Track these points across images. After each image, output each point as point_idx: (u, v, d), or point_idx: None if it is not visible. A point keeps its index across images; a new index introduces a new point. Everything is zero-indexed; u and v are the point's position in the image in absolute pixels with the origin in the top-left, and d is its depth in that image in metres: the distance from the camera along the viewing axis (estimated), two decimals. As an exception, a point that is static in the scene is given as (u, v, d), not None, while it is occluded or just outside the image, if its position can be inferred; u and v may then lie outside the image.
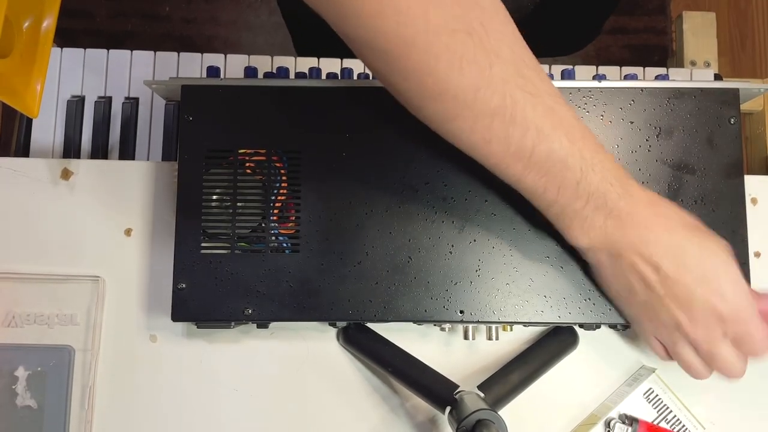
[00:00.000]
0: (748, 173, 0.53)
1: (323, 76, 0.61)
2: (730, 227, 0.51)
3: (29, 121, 0.63)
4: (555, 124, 0.41)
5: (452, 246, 0.51)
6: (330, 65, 0.64)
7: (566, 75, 0.59)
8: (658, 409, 0.54)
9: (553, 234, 0.50)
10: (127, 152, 0.63)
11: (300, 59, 0.65)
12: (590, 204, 0.43)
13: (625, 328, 0.53)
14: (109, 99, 0.64)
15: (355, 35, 0.39)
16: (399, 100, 0.43)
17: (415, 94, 0.41)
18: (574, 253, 0.50)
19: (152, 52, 0.65)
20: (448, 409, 0.48)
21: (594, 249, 0.46)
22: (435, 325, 0.54)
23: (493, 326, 0.53)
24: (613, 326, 0.54)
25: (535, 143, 0.41)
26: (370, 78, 0.63)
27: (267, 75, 0.61)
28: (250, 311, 0.50)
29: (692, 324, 0.45)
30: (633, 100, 0.52)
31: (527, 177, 0.43)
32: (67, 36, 1.35)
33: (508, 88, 0.40)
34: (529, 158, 0.42)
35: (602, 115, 0.52)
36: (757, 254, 0.57)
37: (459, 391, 0.50)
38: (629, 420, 0.53)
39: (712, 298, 0.44)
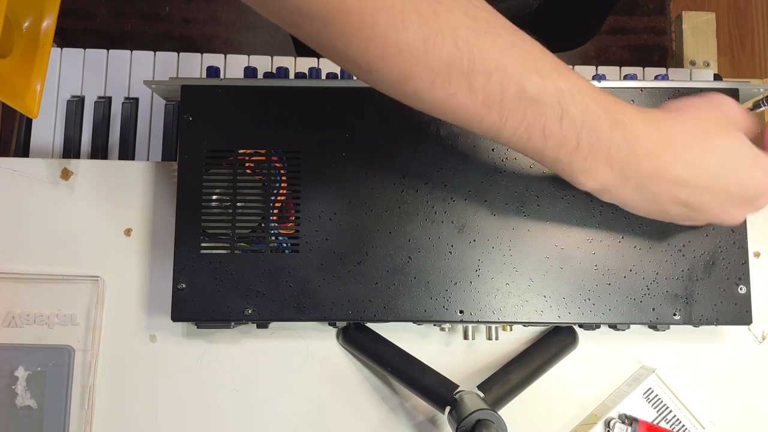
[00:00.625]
0: (747, 173, 0.53)
1: (323, 76, 0.61)
2: (730, 227, 0.51)
3: (29, 121, 0.63)
4: (520, 62, 0.38)
5: (452, 246, 0.51)
6: (330, 65, 0.64)
7: (566, 75, 0.59)
8: (657, 409, 0.54)
9: (552, 234, 0.51)
10: (126, 152, 0.63)
11: (300, 59, 0.65)
12: (583, 141, 0.40)
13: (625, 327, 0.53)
14: (109, 99, 0.64)
15: (288, 8, 0.37)
16: (351, 72, 0.41)
17: (362, 59, 0.38)
18: (573, 253, 0.50)
19: (152, 52, 0.65)
20: (447, 409, 0.49)
21: (609, 190, 0.43)
22: (435, 325, 0.54)
23: (493, 326, 0.53)
24: (612, 326, 0.54)
25: (503, 86, 0.38)
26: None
27: (267, 75, 0.61)
28: (250, 311, 0.50)
29: (734, 214, 0.44)
30: (633, 101, 0.52)
31: (506, 126, 0.40)
32: (67, 36, 1.35)
33: (459, 33, 0.37)
34: (501, 103, 0.38)
35: (602, 115, 0.52)
36: (757, 254, 0.57)
37: (459, 391, 0.50)
38: (629, 420, 0.53)
39: (747, 188, 0.43)
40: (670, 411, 0.54)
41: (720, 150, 0.43)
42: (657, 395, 0.54)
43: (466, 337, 0.54)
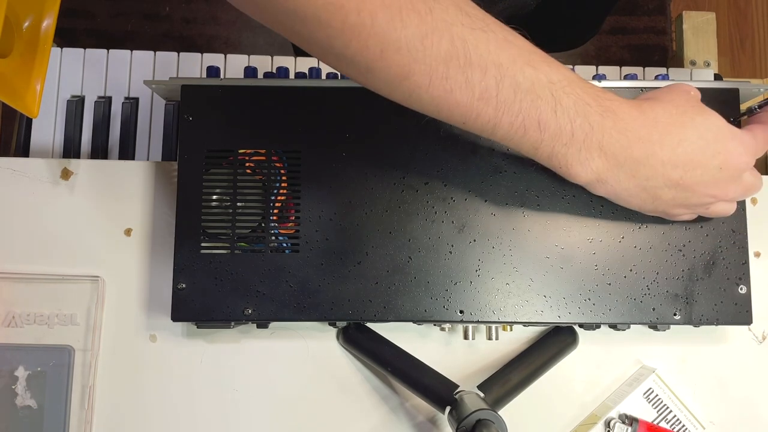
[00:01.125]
0: (748, 173, 0.53)
1: (323, 76, 0.61)
2: (730, 227, 0.51)
3: (29, 121, 0.63)
4: (513, 56, 0.39)
5: (452, 246, 0.51)
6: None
7: (566, 75, 0.59)
8: (658, 409, 0.54)
9: (552, 234, 0.51)
10: (126, 152, 0.63)
11: (300, 59, 0.65)
12: (577, 132, 0.41)
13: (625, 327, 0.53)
14: (109, 99, 0.64)
15: (284, 11, 0.37)
16: (347, 73, 0.41)
17: (361, 58, 0.39)
18: (574, 254, 0.50)
19: (152, 52, 0.65)
20: (448, 409, 0.49)
21: (602, 180, 0.44)
22: (435, 325, 0.54)
23: (493, 326, 0.53)
24: (613, 326, 0.54)
25: (498, 80, 0.39)
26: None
27: (267, 75, 0.61)
28: (250, 311, 0.50)
29: (725, 190, 0.46)
30: (633, 100, 0.52)
31: (503, 121, 0.41)
32: (67, 36, 1.35)
33: (455, 29, 0.38)
34: (497, 98, 0.40)
35: (602, 115, 0.52)
36: (757, 254, 0.57)
37: (459, 391, 0.50)
38: (629, 420, 0.53)
39: (730, 162, 0.45)
40: (670, 411, 0.54)
41: (700, 127, 0.44)
42: (657, 395, 0.54)
43: (466, 337, 0.54)
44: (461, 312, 0.50)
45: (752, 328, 0.56)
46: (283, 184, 0.51)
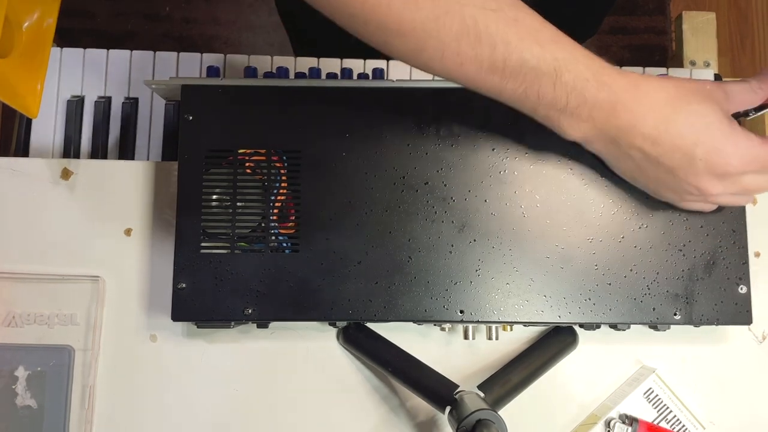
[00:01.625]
0: (748, 173, 0.53)
1: (323, 76, 0.61)
2: (730, 227, 0.51)
3: (29, 121, 0.63)
4: (522, 34, 0.42)
5: (452, 246, 0.51)
6: (330, 65, 0.64)
7: (566, 75, 0.59)
8: (658, 409, 0.54)
9: (553, 233, 0.51)
10: (126, 152, 0.63)
11: (300, 59, 0.65)
12: (571, 102, 0.44)
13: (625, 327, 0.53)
14: (109, 99, 0.64)
15: None
16: (370, 42, 0.44)
17: (379, 35, 0.42)
18: (574, 253, 0.50)
19: (152, 52, 0.65)
20: (448, 409, 0.49)
21: (589, 140, 0.47)
22: (435, 325, 0.54)
23: (493, 326, 0.53)
24: (613, 326, 0.54)
25: (506, 56, 0.42)
26: (370, 78, 0.63)
27: (267, 75, 0.61)
28: (250, 311, 0.50)
29: (706, 185, 0.46)
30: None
31: (506, 87, 0.44)
32: (67, 36, 1.35)
33: (467, 9, 0.41)
34: (503, 70, 0.43)
35: (602, 115, 0.52)
36: (757, 254, 0.57)
37: (459, 391, 0.50)
38: (629, 420, 0.53)
39: (713, 158, 0.44)
40: (671, 411, 0.54)
41: (692, 113, 0.45)
42: (657, 395, 0.54)
43: (466, 337, 0.53)
44: (461, 312, 0.50)
45: (752, 328, 0.56)
46: (282, 184, 0.51)
